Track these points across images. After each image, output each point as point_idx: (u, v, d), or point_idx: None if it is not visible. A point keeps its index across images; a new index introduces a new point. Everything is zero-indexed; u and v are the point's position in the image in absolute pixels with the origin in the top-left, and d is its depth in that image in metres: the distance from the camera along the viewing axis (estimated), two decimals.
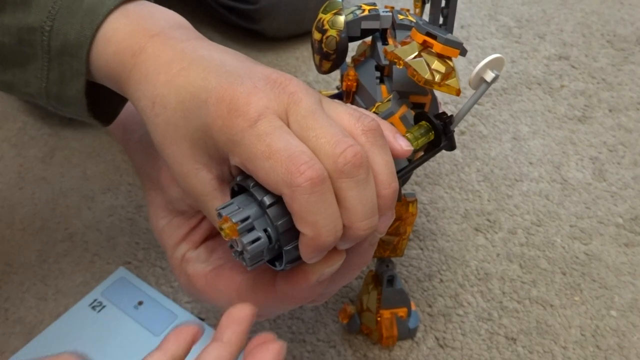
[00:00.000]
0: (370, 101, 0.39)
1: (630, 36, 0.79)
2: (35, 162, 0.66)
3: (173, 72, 0.30)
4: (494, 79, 0.33)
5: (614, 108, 0.69)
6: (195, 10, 0.79)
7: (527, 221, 0.58)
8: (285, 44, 0.77)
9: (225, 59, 0.31)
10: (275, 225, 0.28)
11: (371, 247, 0.32)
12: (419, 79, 0.33)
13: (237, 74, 0.30)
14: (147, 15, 0.34)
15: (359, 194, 0.28)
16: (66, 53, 0.33)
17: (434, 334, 0.50)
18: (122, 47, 0.32)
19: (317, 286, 0.31)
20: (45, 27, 0.33)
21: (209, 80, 0.29)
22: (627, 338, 0.50)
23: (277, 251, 0.29)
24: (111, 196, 0.62)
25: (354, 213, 0.28)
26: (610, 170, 0.63)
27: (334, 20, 0.38)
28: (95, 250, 0.57)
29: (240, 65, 0.30)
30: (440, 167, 0.63)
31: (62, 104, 0.36)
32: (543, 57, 0.76)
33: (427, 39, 0.34)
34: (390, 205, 0.30)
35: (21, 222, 0.60)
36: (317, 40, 0.39)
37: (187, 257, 0.37)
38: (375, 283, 0.48)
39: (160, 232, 0.38)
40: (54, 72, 0.34)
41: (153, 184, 0.39)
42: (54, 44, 0.33)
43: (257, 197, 0.28)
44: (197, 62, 0.31)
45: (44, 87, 0.35)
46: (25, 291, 0.54)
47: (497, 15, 0.83)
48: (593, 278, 0.54)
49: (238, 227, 0.28)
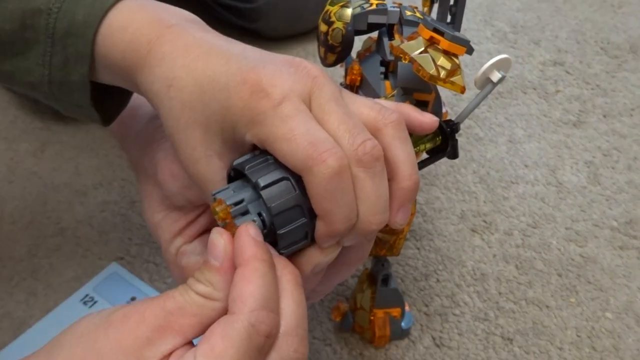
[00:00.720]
0: (373, 96, 0.39)
1: (623, 44, 0.79)
2: (26, 156, 0.65)
3: (192, 57, 0.30)
4: (500, 79, 0.33)
5: (608, 114, 0.70)
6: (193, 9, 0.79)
7: (523, 223, 0.58)
8: (283, 44, 0.77)
9: (245, 48, 0.31)
10: (269, 207, 0.28)
11: (368, 243, 0.32)
12: (424, 75, 0.33)
13: (258, 59, 0.30)
14: (163, 8, 0.34)
15: (375, 187, 0.28)
16: (72, 34, 0.33)
17: (431, 333, 0.50)
18: (138, 34, 0.32)
19: (312, 278, 0.31)
20: (54, 9, 0.33)
21: (230, 66, 0.29)
22: (622, 340, 0.50)
23: (272, 237, 0.29)
24: (104, 191, 0.61)
25: (368, 205, 0.28)
26: (604, 175, 0.63)
27: (341, 12, 0.38)
28: (87, 246, 0.56)
29: (260, 54, 0.31)
30: (437, 168, 0.63)
31: (65, 91, 0.35)
32: (538, 63, 0.77)
33: (434, 35, 0.33)
34: (411, 198, 0.30)
35: (11, 216, 0.59)
36: (323, 32, 0.39)
37: (182, 251, 0.37)
38: (369, 282, 0.48)
39: (156, 226, 0.38)
40: (57, 57, 0.34)
41: (149, 178, 0.39)
42: (60, 25, 0.33)
43: (252, 179, 0.28)
44: (216, 49, 0.30)
45: (47, 75, 0.34)
46: (14, 286, 0.53)
47: (492, 21, 0.83)
48: (588, 280, 0.54)
49: (231, 209, 0.27)
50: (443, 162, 0.64)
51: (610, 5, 0.86)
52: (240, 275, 0.26)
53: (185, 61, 0.30)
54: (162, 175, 0.36)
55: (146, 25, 0.32)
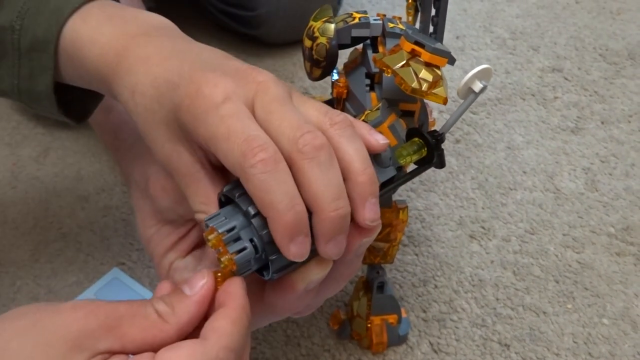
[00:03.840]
0: (359, 108, 0.40)
1: (622, 50, 0.80)
2: (28, 162, 0.65)
3: (151, 63, 0.32)
4: (482, 89, 0.33)
5: (606, 120, 0.71)
6: (194, 16, 0.79)
7: (521, 229, 0.59)
8: (284, 50, 0.77)
9: (202, 52, 0.33)
10: (260, 235, 0.28)
11: (357, 258, 0.32)
12: (406, 88, 0.34)
13: (210, 63, 0.31)
14: (130, 17, 0.35)
15: (322, 175, 0.28)
16: (35, 49, 0.35)
17: (428, 339, 0.50)
18: (106, 48, 0.34)
19: (305, 296, 0.31)
20: (15, 26, 0.35)
21: (183, 67, 0.31)
22: (618, 346, 0.50)
23: (264, 261, 0.29)
24: (106, 197, 0.61)
25: (318, 195, 0.28)
26: (602, 181, 0.63)
27: (324, 28, 0.39)
28: (89, 251, 0.56)
29: (215, 58, 0.32)
30: (436, 175, 0.64)
31: (33, 99, 0.37)
32: (537, 69, 0.77)
33: (415, 48, 0.34)
34: (369, 192, 0.29)
35: (13, 221, 0.59)
36: (307, 48, 0.39)
37: (175, 266, 0.37)
38: (365, 289, 0.48)
39: (148, 240, 0.39)
40: (24, 69, 0.36)
41: (142, 193, 0.39)
42: (24, 41, 0.35)
43: (242, 207, 0.28)
44: (175, 54, 0.32)
45: (16, 84, 0.36)
46: (16, 291, 0.53)
47: (491, 27, 0.84)
48: (585, 286, 0.54)
49: (224, 237, 0.28)
50: (442, 169, 0.65)
51: (609, 12, 0.87)
52: (225, 314, 0.27)
53: (146, 68, 0.32)
54: (153, 190, 0.37)
55: (114, 39, 0.34)
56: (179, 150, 0.31)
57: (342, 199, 0.28)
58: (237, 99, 0.29)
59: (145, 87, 0.32)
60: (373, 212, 0.29)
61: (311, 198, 0.28)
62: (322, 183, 0.28)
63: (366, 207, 0.29)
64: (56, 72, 0.36)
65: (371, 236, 0.31)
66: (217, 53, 0.33)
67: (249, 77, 0.30)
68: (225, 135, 0.28)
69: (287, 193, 0.27)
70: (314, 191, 0.28)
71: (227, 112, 0.28)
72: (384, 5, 0.88)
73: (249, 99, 0.29)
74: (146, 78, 0.32)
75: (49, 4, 0.35)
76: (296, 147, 0.28)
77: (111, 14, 0.35)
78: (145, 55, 0.32)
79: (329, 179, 0.28)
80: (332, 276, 0.32)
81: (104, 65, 0.34)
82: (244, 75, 0.30)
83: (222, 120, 0.28)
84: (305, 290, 0.31)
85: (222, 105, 0.28)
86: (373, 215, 0.29)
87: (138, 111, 0.32)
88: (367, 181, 0.29)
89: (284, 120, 0.29)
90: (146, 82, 0.32)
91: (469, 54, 0.79)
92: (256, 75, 0.30)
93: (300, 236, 0.28)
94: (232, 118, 0.28)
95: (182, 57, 0.32)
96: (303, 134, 0.28)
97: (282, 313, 0.33)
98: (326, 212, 0.28)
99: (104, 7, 0.36)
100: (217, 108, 0.28)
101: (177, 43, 0.33)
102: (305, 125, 0.28)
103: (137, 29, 0.34)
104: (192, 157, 0.31)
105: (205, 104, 0.29)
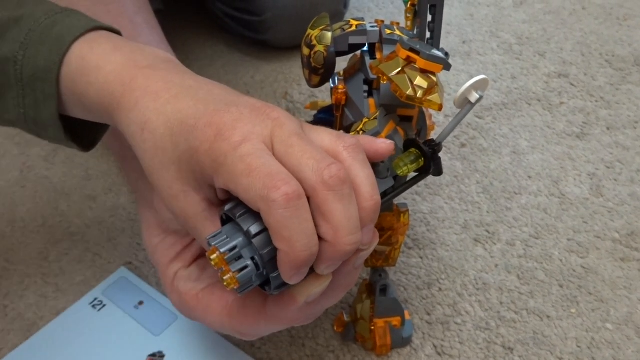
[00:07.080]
0: (358, 115, 0.40)
1: (628, 57, 0.80)
2: (38, 161, 0.66)
3: (162, 100, 0.32)
4: (478, 100, 0.33)
5: (611, 126, 0.71)
6: (203, 21, 0.80)
7: (526, 234, 0.59)
8: (290, 54, 0.78)
9: (212, 89, 0.33)
10: (261, 255, 0.29)
11: (355, 270, 0.33)
12: (401, 95, 0.34)
13: (224, 102, 0.31)
14: (137, 49, 0.35)
15: (344, 209, 0.29)
16: (38, 79, 0.35)
17: (432, 341, 0.50)
18: (112, 77, 0.34)
19: (306, 308, 0.32)
20: (18, 57, 0.35)
21: (198, 108, 0.31)
22: (622, 351, 0.50)
23: (266, 277, 0.30)
24: (113, 197, 0.62)
25: (339, 228, 0.28)
26: (607, 187, 0.64)
27: (321, 36, 0.39)
28: (96, 250, 0.57)
29: (227, 95, 0.32)
30: (441, 178, 0.64)
31: (40, 127, 0.37)
32: (543, 75, 0.78)
33: (411, 55, 0.34)
34: (372, 218, 0.30)
35: (22, 220, 0.60)
36: (305, 56, 0.40)
37: (179, 276, 0.38)
38: (368, 292, 0.48)
39: (154, 250, 0.39)
40: (29, 98, 0.36)
41: (147, 203, 0.40)
42: (26, 71, 0.35)
43: (243, 227, 0.29)
44: (185, 91, 0.32)
45: (22, 113, 0.36)
46: (25, 288, 0.54)
47: (498, 32, 0.84)
48: (589, 291, 0.54)
49: (226, 256, 0.29)
50: (447, 172, 0.65)
51: (616, 18, 0.87)
52: None
53: (156, 105, 0.32)
54: (157, 203, 0.38)
55: (119, 68, 0.34)
56: (186, 191, 0.32)
57: (358, 233, 0.29)
58: (256, 138, 0.29)
59: (156, 126, 0.31)
60: (369, 236, 0.31)
61: (331, 229, 0.29)
62: (344, 217, 0.29)
63: (364, 232, 0.30)
64: (59, 101, 0.36)
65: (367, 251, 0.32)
66: (226, 90, 0.33)
67: (263, 114, 0.30)
68: (246, 172, 0.28)
69: (306, 234, 0.28)
70: (335, 224, 0.28)
71: (246, 152, 0.29)
72: (390, 10, 0.89)
73: (266, 136, 0.30)
74: (158, 117, 0.31)
75: (51, 32, 0.35)
76: (321, 178, 0.28)
77: (118, 44, 0.35)
78: (154, 90, 0.32)
79: (351, 213, 0.29)
80: (331, 287, 0.32)
81: (109, 94, 0.34)
82: (259, 113, 0.30)
83: (242, 160, 0.28)
84: (305, 302, 0.32)
85: (240, 146, 0.29)
86: (369, 239, 0.31)
87: (145, 147, 0.32)
88: (372, 207, 0.30)
89: (306, 153, 0.29)
90: (158, 121, 0.31)
91: (475, 59, 0.79)
92: (270, 112, 0.31)
93: (305, 269, 0.29)
94: (251, 156, 0.28)
95: (194, 95, 0.32)
96: (328, 165, 0.28)
97: (283, 324, 0.34)
98: (342, 245, 0.29)
99: (110, 37, 0.36)
100: (235, 150, 0.29)
101: (185, 79, 0.33)
102: (328, 157, 0.29)
103: (144, 61, 0.34)
104: (198, 196, 0.32)
105: (225, 147, 0.29)
